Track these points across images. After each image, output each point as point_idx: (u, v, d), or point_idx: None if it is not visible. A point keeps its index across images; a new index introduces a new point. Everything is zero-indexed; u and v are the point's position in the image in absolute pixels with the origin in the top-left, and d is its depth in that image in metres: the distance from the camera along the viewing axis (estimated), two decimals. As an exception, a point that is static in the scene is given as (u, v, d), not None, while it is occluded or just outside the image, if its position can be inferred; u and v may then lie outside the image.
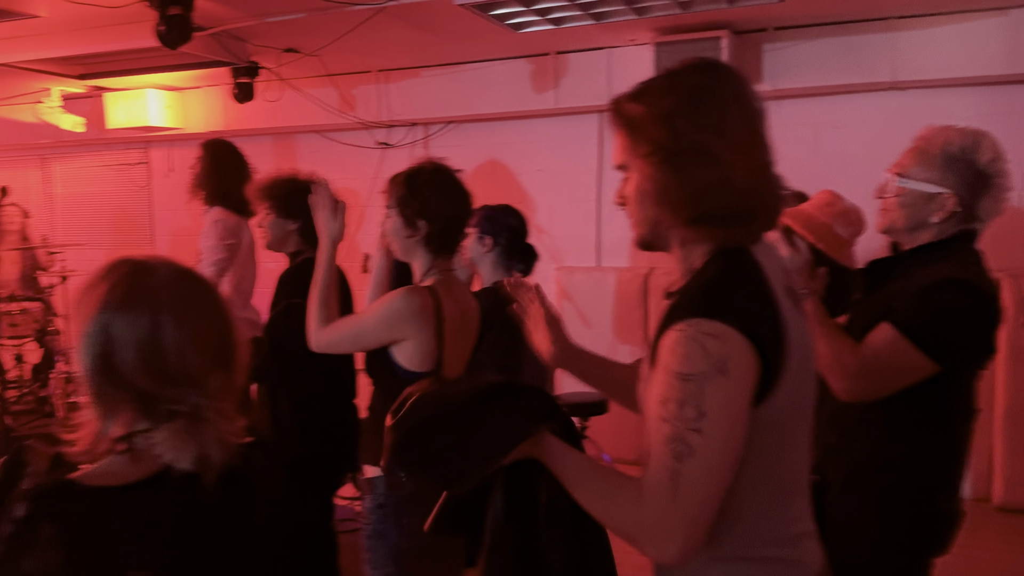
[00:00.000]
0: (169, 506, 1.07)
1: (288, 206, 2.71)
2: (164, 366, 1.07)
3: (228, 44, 4.33)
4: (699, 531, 1.09)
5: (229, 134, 5.57)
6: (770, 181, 1.19)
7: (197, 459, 1.08)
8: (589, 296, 5.17)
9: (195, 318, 1.11)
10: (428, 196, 2.03)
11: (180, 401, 1.07)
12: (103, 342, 1.06)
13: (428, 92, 5.36)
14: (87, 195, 7.05)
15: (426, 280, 2.06)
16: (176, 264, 1.15)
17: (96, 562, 1.00)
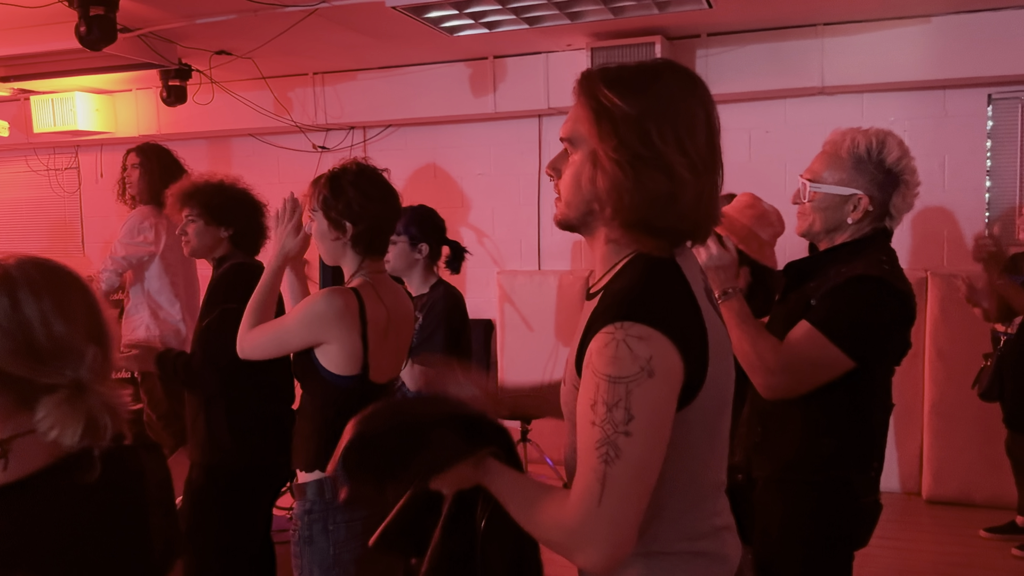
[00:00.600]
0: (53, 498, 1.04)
1: (220, 213, 2.65)
2: (32, 343, 1.04)
3: (157, 46, 4.22)
4: (626, 535, 1.09)
5: (162, 138, 5.45)
6: (713, 205, 1.21)
7: (86, 428, 1.05)
8: (531, 300, 5.18)
9: (55, 290, 1.09)
10: (353, 196, 1.99)
11: (56, 375, 1.05)
12: None
13: (366, 95, 5.32)
14: (14, 201, 6.81)
15: (353, 281, 2.02)
16: (23, 254, 1.13)
17: None
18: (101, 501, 1.08)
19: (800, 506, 1.81)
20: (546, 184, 5.24)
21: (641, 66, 1.21)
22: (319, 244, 2.07)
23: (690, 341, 1.11)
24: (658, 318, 1.10)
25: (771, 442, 1.85)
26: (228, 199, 2.68)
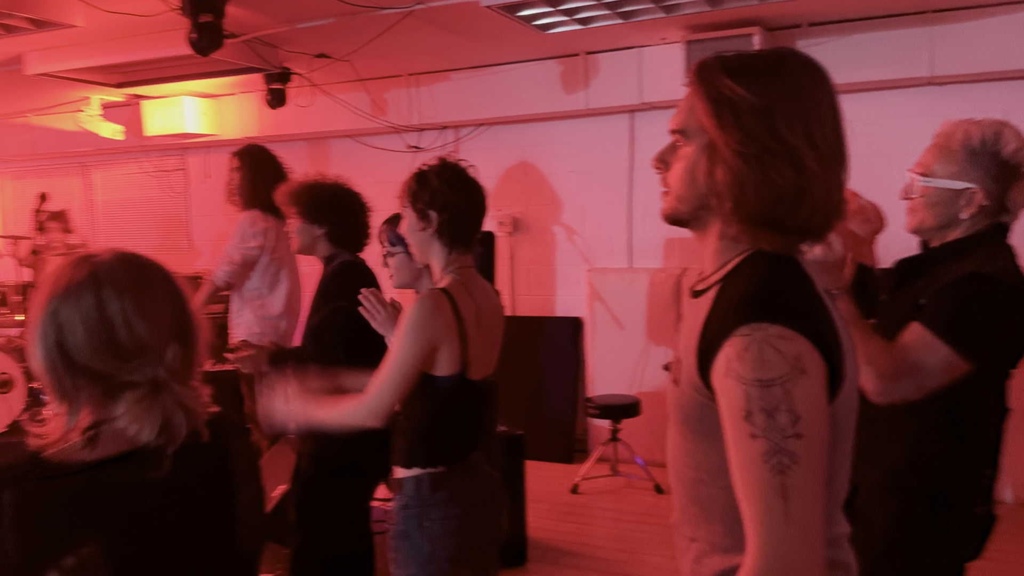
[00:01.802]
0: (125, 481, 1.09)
1: (314, 212, 2.73)
2: (114, 340, 1.08)
3: (260, 50, 4.38)
4: (821, 545, 1.01)
5: (263, 140, 5.65)
6: (840, 201, 1.15)
7: (162, 427, 1.10)
8: (621, 298, 5.14)
9: (139, 290, 1.12)
10: (436, 186, 2.02)
11: (138, 372, 1.09)
12: (54, 331, 1.08)
13: (458, 95, 5.38)
14: (127, 201, 7.20)
15: (442, 281, 2.04)
16: (120, 250, 1.17)
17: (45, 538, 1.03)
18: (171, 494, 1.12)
19: (907, 515, 1.72)
20: (637, 181, 5.18)
21: (762, 54, 1.16)
22: (410, 240, 2.10)
23: (827, 339, 1.05)
24: (795, 317, 1.04)
25: (876, 447, 1.77)
26: (322, 198, 2.75)
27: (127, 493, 1.09)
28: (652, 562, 3.83)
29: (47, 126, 6.80)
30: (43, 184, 7.49)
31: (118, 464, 1.08)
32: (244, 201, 3.97)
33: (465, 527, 1.99)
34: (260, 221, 3.89)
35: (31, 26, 3.56)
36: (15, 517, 1.00)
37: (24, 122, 6.89)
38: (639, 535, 4.14)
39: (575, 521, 4.36)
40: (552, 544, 4.02)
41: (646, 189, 5.13)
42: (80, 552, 1.02)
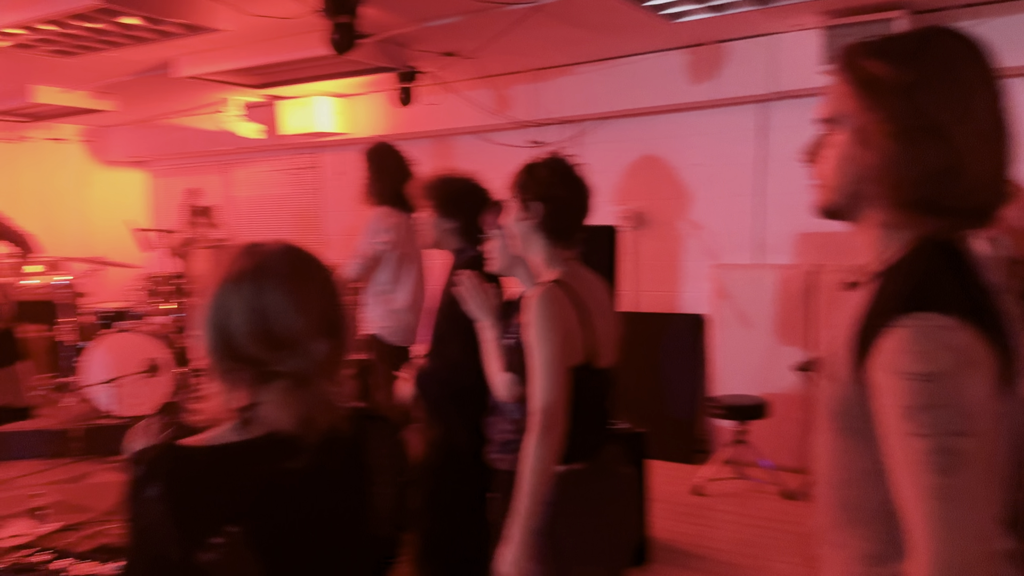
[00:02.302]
0: (267, 465, 1.13)
1: (447, 206, 2.78)
2: (269, 330, 1.13)
3: (390, 50, 4.49)
4: (990, 553, 0.95)
5: (392, 138, 5.80)
6: (1000, 182, 1.08)
7: (300, 420, 1.13)
8: (748, 295, 4.97)
9: (297, 284, 1.16)
10: (542, 177, 2.02)
11: (287, 364, 1.14)
12: (219, 314, 1.14)
13: (582, 88, 5.35)
14: (263, 197, 7.57)
15: (549, 273, 2.03)
16: (286, 243, 1.22)
17: (196, 515, 1.08)
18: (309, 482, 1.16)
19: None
20: (771, 172, 5.00)
21: (910, 33, 1.11)
22: (513, 230, 2.10)
23: (996, 331, 0.98)
24: (962, 307, 0.97)
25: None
26: (454, 193, 2.80)
27: (270, 477, 1.13)
28: (778, 569, 3.69)
29: (191, 126, 7.24)
30: (187, 181, 7.99)
31: (262, 448, 1.13)
32: (374, 198, 4.09)
33: (597, 526, 1.97)
34: (389, 217, 4.00)
35: (183, 31, 3.79)
36: (169, 499, 1.06)
37: (170, 123, 7.37)
38: (765, 540, 4.00)
39: (697, 523, 4.26)
40: (674, 545, 3.94)
41: (779, 182, 4.94)
42: (227, 531, 1.07)
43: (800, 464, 4.66)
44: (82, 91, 5.72)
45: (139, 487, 1.08)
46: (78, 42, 4.01)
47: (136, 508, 1.08)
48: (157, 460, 1.10)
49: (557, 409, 1.89)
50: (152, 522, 1.06)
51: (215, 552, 1.06)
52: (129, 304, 6.02)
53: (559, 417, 1.88)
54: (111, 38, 3.93)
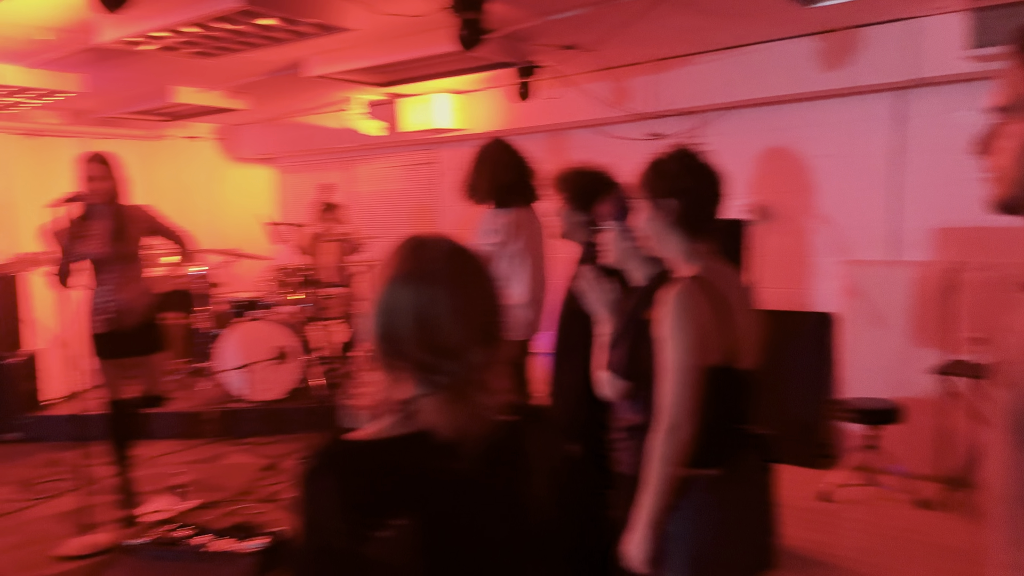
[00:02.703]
0: (432, 462, 1.14)
1: (578, 199, 2.77)
2: (436, 337, 1.13)
3: (512, 45, 4.51)
4: None
5: (507, 133, 5.83)
6: None
7: (457, 430, 1.13)
8: (880, 293, 4.73)
9: (464, 290, 1.16)
10: (675, 171, 1.95)
11: (448, 372, 1.14)
12: (388, 312, 1.14)
13: (703, 78, 5.22)
14: (383, 193, 7.77)
15: (686, 269, 1.96)
16: (451, 241, 1.21)
17: (365, 507, 1.09)
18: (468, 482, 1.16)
19: None
20: (910, 164, 4.73)
21: None
22: (648, 230, 2.03)
23: None
24: None
25: None
26: (588, 186, 2.77)
27: (435, 473, 1.14)
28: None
29: (317, 124, 7.50)
30: (311, 178, 8.31)
31: (427, 444, 1.13)
32: (479, 195, 4.05)
33: (733, 533, 1.91)
34: (498, 216, 3.97)
35: (317, 31, 3.91)
36: (339, 491, 1.08)
37: (297, 121, 7.66)
38: (895, 551, 3.80)
39: (824, 530, 4.09)
40: (799, 552, 3.80)
41: (917, 173, 4.67)
42: (394, 524, 1.08)
43: (936, 472, 4.40)
44: (217, 91, 6.02)
45: (311, 479, 1.10)
46: (218, 44, 4.21)
47: (307, 499, 1.10)
48: (328, 453, 1.12)
49: (684, 410, 1.83)
50: (322, 513, 1.08)
51: (382, 545, 1.07)
52: (259, 294, 6.31)
53: (686, 418, 1.83)
54: (249, 39, 4.11)
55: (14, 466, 5.05)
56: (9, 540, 3.86)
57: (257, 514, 4.09)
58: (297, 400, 5.77)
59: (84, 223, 3.92)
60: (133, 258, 4.12)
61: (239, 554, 3.37)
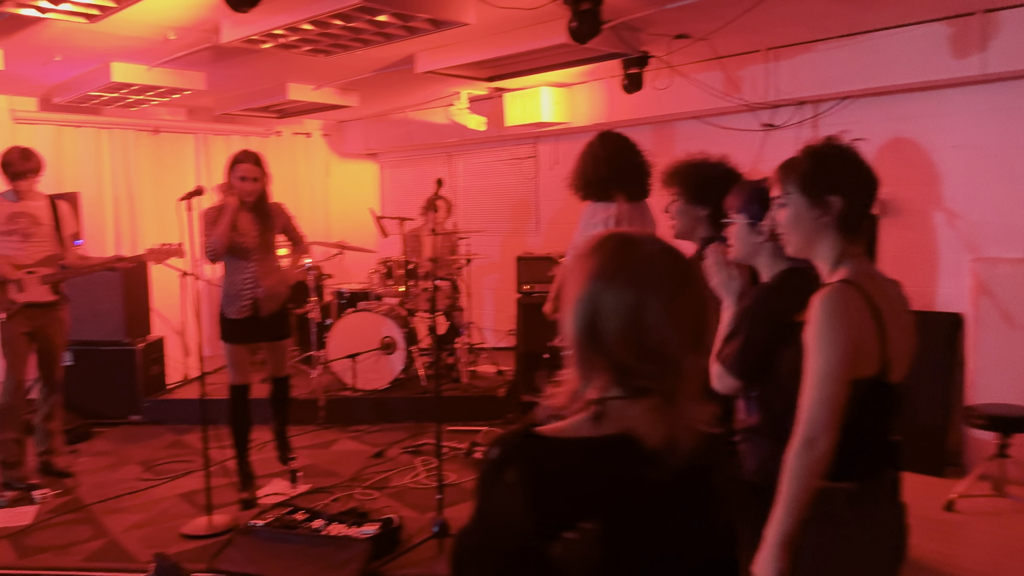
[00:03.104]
0: (625, 468, 1.09)
1: (697, 193, 2.65)
2: (644, 341, 1.07)
3: (623, 35, 4.43)
4: None
5: (611, 126, 5.77)
6: None
7: (665, 439, 1.08)
8: (1013, 292, 4.44)
9: (678, 297, 1.10)
10: (839, 167, 1.81)
11: (655, 378, 1.08)
12: (590, 311, 1.10)
13: (821, 67, 5.01)
14: (484, 187, 7.83)
15: (838, 272, 1.82)
16: (661, 241, 1.15)
17: (552, 506, 1.05)
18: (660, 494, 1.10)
19: None
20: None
21: None
22: (792, 230, 1.90)
23: None
24: None
25: None
26: (706, 179, 2.65)
27: (627, 479, 1.09)
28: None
29: (421, 120, 7.61)
30: (414, 172, 8.45)
31: (619, 448, 1.09)
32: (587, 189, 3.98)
33: (867, 553, 1.80)
34: (601, 211, 3.89)
35: (430, 26, 3.95)
36: (523, 486, 1.05)
37: (402, 117, 7.79)
38: None
39: (949, 541, 3.87)
40: (921, 562, 3.61)
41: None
42: (581, 526, 1.04)
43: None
44: (328, 88, 6.18)
45: (495, 470, 1.08)
46: (334, 41, 4.31)
47: (490, 490, 1.08)
48: (516, 445, 1.09)
49: (824, 423, 1.70)
50: (505, 507, 1.05)
51: (567, 546, 1.03)
52: (366, 286, 6.45)
53: (824, 432, 1.70)
54: (364, 36, 4.18)
55: (139, 447, 5.33)
56: (136, 518, 4.07)
57: (367, 500, 4.19)
58: (401, 390, 5.87)
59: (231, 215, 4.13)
60: (272, 250, 4.36)
61: (354, 539, 3.44)
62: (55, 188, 6.35)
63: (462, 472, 4.57)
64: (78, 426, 5.45)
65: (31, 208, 4.53)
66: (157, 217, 7.13)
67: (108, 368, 5.79)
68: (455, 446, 4.89)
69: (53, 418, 4.71)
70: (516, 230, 7.57)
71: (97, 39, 4.47)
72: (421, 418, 5.63)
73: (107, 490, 4.46)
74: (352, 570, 3.24)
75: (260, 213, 4.25)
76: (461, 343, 6.23)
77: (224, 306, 4.28)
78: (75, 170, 6.67)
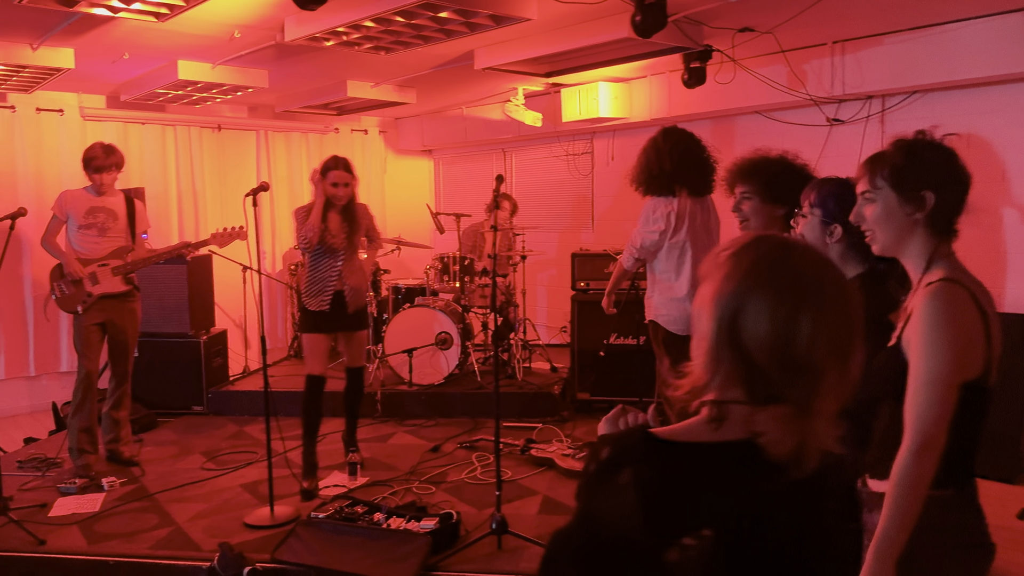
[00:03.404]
0: (746, 476, 1.04)
1: (775, 191, 2.58)
2: (791, 352, 1.02)
3: (686, 29, 4.37)
4: None
5: (670, 120, 5.70)
6: None
7: (792, 451, 1.03)
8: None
9: (834, 311, 1.04)
10: (934, 161, 1.74)
11: (790, 388, 1.02)
12: (735, 310, 1.05)
13: (889, 60, 4.87)
14: (539, 183, 7.81)
15: (933, 271, 1.74)
16: (816, 250, 1.10)
17: (668, 511, 1.01)
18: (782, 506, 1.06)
19: None
20: None
21: None
22: (880, 227, 1.82)
23: None
24: None
25: None
26: (786, 176, 2.59)
27: (746, 486, 1.04)
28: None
29: (477, 116, 7.63)
30: (468, 169, 8.47)
31: (742, 455, 1.05)
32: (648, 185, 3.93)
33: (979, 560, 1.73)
34: (662, 206, 3.85)
35: (492, 23, 3.94)
36: (638, 489, 1.01)
37: (458, 113, 7.82)
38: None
39: (1021, 551, 3.73)
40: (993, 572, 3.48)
41: None
42: (700, 534, 1.00)
43: None
44: (386, 85, 6.23)
45: (607, 471, 1.04)
46: (396, 38, 4.34)
47: (599, 492, 1.04)
48: (632, 447, 1.05)
49: (938, 429, 1.63)
50: (616, 509, 1.02)
51: (684, 553, 0.99)
52: (422, 282, 6.49)
53: (939, 438, 1.63)
54: (426, 33, 4.20)
55: (202, 437, 5.44)
56: (200, 507, 4.15)
57: (425, 494, 4.21)
58: (455, 385, 5.90)
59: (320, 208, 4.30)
60: (358, 250, 4.55)
61: (414, 533, 3.46)
62: (122, 183, 6.52)
63: (517, 469, 4.57)
64: (143, 416, 5.59)
65: (110, 203, 4.66)
66: (219, 212, 7.28)
67: (173, 360, 5.94)
68: (510, 442, 4.88)
69: (122, 407, 4.85)
70: (570, 226, 7.54)
71: (165, 37, 4.57)
72: (476, 413, 5.64)
73: (171, 479, 4.57)
74: (412, 564, 3.26)
75: (348, 215, 4.41)
76: (515, 339, 6.23)
77: (307, 299, 4.43)
78: (141, 166, 6.85)
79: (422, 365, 5.84)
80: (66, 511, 4.05)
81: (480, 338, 6.56)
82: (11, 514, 3.82)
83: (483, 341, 6.54)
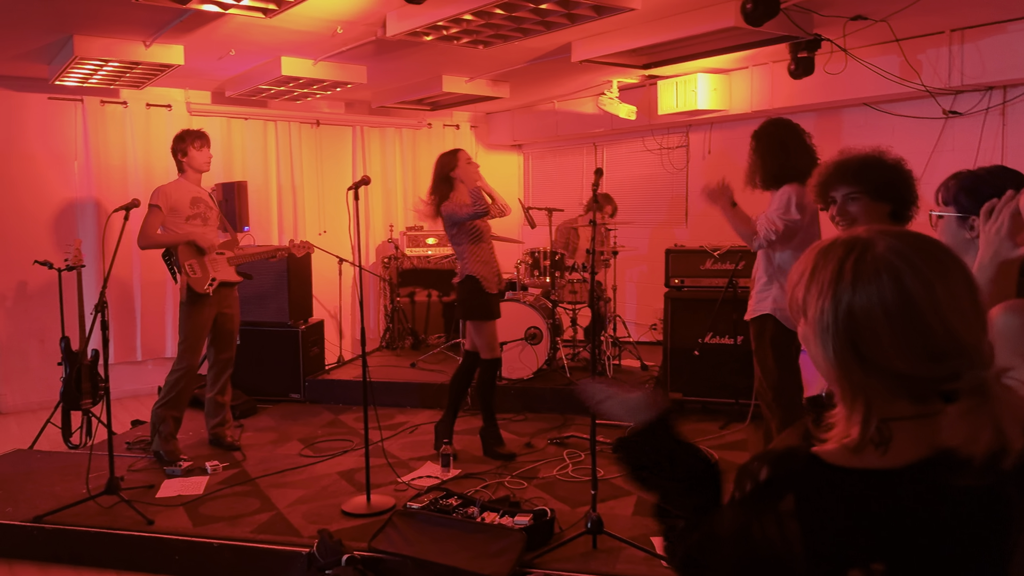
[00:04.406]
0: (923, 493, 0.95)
1: (881, 189, 2.48)
2: (924, 337, 0.91)
3: (796, 18, 4.21)
4: None
5: (772, 112, 5.51)
6: None
7: (993, 443, 0.91)
8: None
9: (942, 275, 0.93)
10: None
11: (955, 377, 0.91)
12: (846, 326, 0.95)
13: (1013, 49, 4.58)
14: (631, 177, 7.69)
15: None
16: (899, 230, 1.00)
17: (833, 544, 0.93)
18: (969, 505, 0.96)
19: None
20: None
21: None
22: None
23: None
24: None
25: None
26: (889, 172, 2.50)
27: (925, 506, 0.95)
28: None
29: (568, 110, 7.57)
30: (558, 163, 8.42)
31: (913, 475, 0.95)
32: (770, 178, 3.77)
33: None
34: (802, 195, 3.69)
35: (593, 14, 3.88)
36: (805, 517, 0.94)
37: (549, 107, 7.77)
38: None
39: None
40: None
41: None
42: (868, 567, 0.93)
43: None
44: (480, 80, 6.23)
45: (767, 495, 0.97)
46: (495, 31, 4.32)
47: (755, 515, 0.97)
48: (796, 472, 0.98)
49: None
50: (777, 534, 0.95)
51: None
52: (513, 276, 6.48)
53: None
54: (525, 25, 4.17)
55: (299, 424, 5.58)
56: (299, 493, 4.25)
57: (517, 489, 4.19)
58: (544, 380, 5.87)
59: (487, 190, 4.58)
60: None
61: (509, 529, 3.45)
62: (225, 177, 6.76)
63: (610, 468, 4.51)
64: (244, 402, 5.77)
65: (203, 194, 4.79)
66: (317, 205, 7.46)
67: (272, 348, 6.11)
68: (601, 440, 4.82)
69: (225, 393, 5.01)
70: (663, 222, 7.41)
71: (270, 33, 4.68)
72: (565, 409, 5.60)
73: (271, 464, 4.69)
74: (508, 560, 3.25)
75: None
76: (605, 336, 6.16)
77: (485, 284, 4.64)
78: (243, 160, 7.07)
79: (512, 359, 5.83)
80: (172, 492, 4.21)
81: (569, 333, 6.51)
82: (122, 494, 3.99)
83: (572, 337, 6.49)
